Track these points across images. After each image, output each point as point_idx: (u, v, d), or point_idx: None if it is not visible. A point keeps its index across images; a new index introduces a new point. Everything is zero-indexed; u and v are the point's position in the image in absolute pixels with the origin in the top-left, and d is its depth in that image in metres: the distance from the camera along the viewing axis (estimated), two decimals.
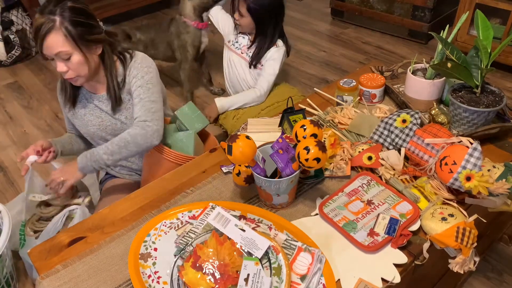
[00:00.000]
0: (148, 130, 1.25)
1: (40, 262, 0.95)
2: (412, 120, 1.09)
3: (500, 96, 1.15)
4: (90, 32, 1.22)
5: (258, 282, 0.79)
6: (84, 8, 1.23)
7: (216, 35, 2.20)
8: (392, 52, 2.97)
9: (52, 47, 1.17)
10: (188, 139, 1.41)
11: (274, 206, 1.02)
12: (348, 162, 1.10)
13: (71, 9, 1.18)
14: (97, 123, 1.38)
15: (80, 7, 1.21)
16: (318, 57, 2.98)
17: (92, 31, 1.23)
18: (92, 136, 1.42)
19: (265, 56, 1.80)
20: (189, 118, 1.46)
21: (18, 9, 3.04)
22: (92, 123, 1.38)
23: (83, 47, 1.21)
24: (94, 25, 1.25)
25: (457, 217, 0.91)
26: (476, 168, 0.91)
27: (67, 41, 1.18)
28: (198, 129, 1.47)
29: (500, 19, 2.57)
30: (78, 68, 1.22)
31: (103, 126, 1.38)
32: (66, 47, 1.18)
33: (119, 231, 1.00)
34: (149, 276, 0.86)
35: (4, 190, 2.03)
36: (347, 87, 1.33)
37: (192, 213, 1.00)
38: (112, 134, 1.39)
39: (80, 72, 1.24)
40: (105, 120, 1.37)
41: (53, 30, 1.16)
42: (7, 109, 2.64)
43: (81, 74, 1.24)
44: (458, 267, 0.89)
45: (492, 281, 1.51)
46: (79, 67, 1.22)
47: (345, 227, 0.94)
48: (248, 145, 0.89)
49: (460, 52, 1.15)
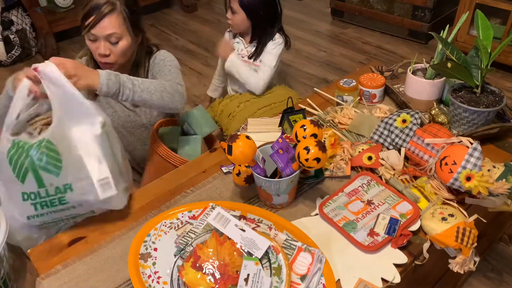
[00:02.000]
0: (180, 92, 1.23)
1: (40, 262, 0.95)
2: (412, 120, 1.09)
3: (500, 96, 1.15)
4: (139, 20, 1.31)
5: (258, 282, 0.79)
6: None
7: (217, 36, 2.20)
8: (392, 52, 2.97)
9: (107, 27, 1.22)
10: (196, 144, 1.40)
11: (274, 206, 1.02)
12: (348, 162, 1.10)
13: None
14: (110, 113, 1.39)
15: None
16: (318, 57, 2.98)
17: (140, 20, 1.32)
18: None
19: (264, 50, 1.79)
20: (198, 122, 1.44)
21: (18, 9, 3.04)
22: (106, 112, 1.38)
23: (133, 33, 1.28)
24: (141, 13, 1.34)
25: (457, 217, 0.91)
26: (476, 168, 0.91)
27: (124, 24, 1.24)
28: (207, 133, 1.45)
29: (500, 19, 2.57)
30: (120, 53, 1.27)
31: (116, 116, 1.38)
32: (121, 30, 1.24)
33: (119, 231, 1.00)
34: (149, 276, 0.86)
35: None
36: (347, 87, 1.33)
37: (192, 213, 1.00)
38: (124, 127, 1.40)
39: (120, 58, 1.29)
40: (118, 111, 1.38)
41: (114, 11, 1.22)
42: None
43: (120, 60, 1.29)
44: (458, 267, 0.89)
45: (492, 281, 1.51)
46: (122, 52, 1.28)
47: (345, 227, 0.94)
48: (248, 145, 0.89)
49: (460, 52, 1.15)
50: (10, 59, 3.04)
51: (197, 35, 3.37)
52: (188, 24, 3.55)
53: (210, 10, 3.79)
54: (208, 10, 3.79)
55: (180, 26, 3.52)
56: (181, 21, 3.60)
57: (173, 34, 3.40)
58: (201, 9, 3.79)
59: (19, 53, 3.06)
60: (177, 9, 3.81)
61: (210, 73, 2.79)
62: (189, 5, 3.68)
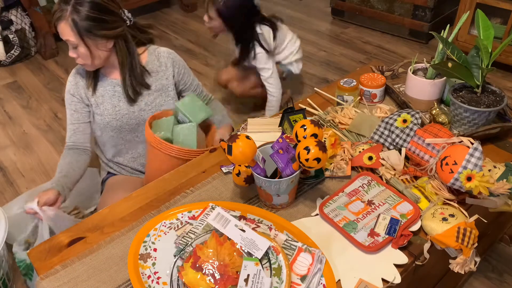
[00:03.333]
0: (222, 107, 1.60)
1: (40, 263, 0.94)
2: (412, 120, 1.08)
3: (501, 96, 1.15)
4: (100, 27, 1.23)
5: (258, 283, 0.78)
6: (102, 3, 1.23)
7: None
8: (393, 51, 2.97)
9: (61, 33, 1.24)
10: (190, 132, 1.35)
11: (274, 206, 1.02)
12: (349, 162, 1.10)
13: (87, 2, 1.21)
14: (113, 111, 1.39)
15: (98, 1, 1.22)
16: (319, 56, 2.98)
17: (104, 27, 1.24)
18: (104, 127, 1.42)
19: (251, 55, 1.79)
20: (192, 109, 1.39)
21: (17, 9, 3.04)
22: (108, 112, 1.39)
23: (89, 40, 1.24)
24: (108, 21, 1.25)
25: (457, 217, 0.91)
26: (477, 168, 0.91)
27: (72, 32, 1.22)
28: (202, 119, 1.40)
29: (501, 19, 2.57)
30: (84, 58, 1.27)
31: (120, 114, 1.38)
32: (72, 38, 1.23)
33: (119, 232, 1.00)
34: (149, 277, 0.86)
35: (3, 190, 2.03)
36: (347, 87, 1.32)
37: (192, 214, 0.99)
38: (128, 124, 1.40)
39: (86, 61, 1.28)
40: (122, 108, 1.39)
41: (62, 19, 1.21)
42: (6, 109, 2.63)
43: (88, 63, 1.29)
44: (458, 267, 0.89)
45: (493, 281, 1.50)
46: (84, 57, 1.27)
47: (345, 228, 0.94)
48: (248, 145, 0.89)
49: (460, 52, 1.15)
50: (9, 59, 3.03)
51: (197, 34, 3.37)
52: (187, 23, 3.55)
53: None
54: None
55: (179, 26, 3.51)
56: (180, 21, 3.60)
57: (173, 34, 3.39)
58: (200, 9, 3.78)
59: (18, 53, 3.06)
60: (176, 8, 3.81)
61: (210, 73, 2.79)
62: (188, 5, 3.68)
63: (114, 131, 1.42)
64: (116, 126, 1.41)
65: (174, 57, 1.46)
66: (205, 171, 1.16)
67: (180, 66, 1.47)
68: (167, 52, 1.45)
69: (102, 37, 1.25)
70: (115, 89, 1.39)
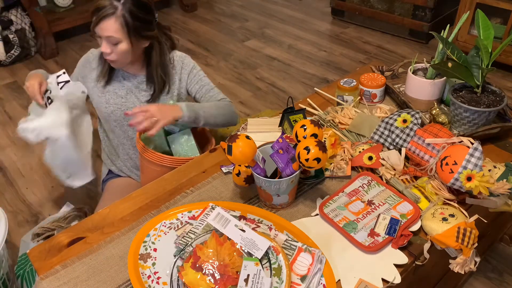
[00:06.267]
0: (232, 110, 1.41)
1: (40, 263, 0.94)
2: (412, 120, 1.08)
3: (501, 96, 1.15)
4: (145, 28, 1.29)
5: (258, 283, 0.78)
6: (147, 3, 1.29)
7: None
8: (393, 51, 2.97)
9: (105, 29, 1.23)
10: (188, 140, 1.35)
11: (274, 206, 1.02)
12: (349, 162, 1.10)
13: (139, 2, 1.25)
14: (120, 102, 1.39)
15: (144, 1, 1.27)
16: (319, 56, 2.98)
17: (147, 27, 1.30)
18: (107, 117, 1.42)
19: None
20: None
21: (17, 9, 3.04)
22: (114, 101, 1.39)
23: (134, 39, 1.27)
24: (151, 22, 1.31)
25: (457, 217, 0.91)
26: (477, 168, 0.91)
27: (121, 29, 1.23)
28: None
29: (501, 19, 2.57)
30: (121, 55, 1.28)
31: (125, 107, 1.40)
32: (118, 35, 1.23)
33: (119, 232, 1.00)
34: (149, 277, 0.86)
35: (3, 190, 2.03)
36: (347, 87, 1.32)
37: (192, 214, 0.99)
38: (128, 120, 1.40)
39: (121, 58, 1.29)
40: (129, 100, 1.40)
41: (112, 16, 1.22)
42: (6, 109, 2.63)
43: (122, 60, 1.30)
44: (458, 267, 0.89)
45: (493, 281, 1.51)
46: (122, 54, 1.28)
47: (345, 228, 0.94)
48: (248, 145, 0.89)
49: (460, 52, 1.15)
50: (9, 59, 3.03)
51: (197, 34, 3.37)
52: (187, 23, 3.55)
53: (210, 9, 3.79)
54: (207, 10, 3.79)
55: (179, 26, 3.51)
56: (180, 21, 3.60)
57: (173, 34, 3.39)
58: (200, 9, 3.78)
59: (18, 53, 3.05)
60: (176, 8, 3.81)
61: (209, 73, 2.79)
62: (188, 5, 3.68)
63: (115, 122, 1.42)
64: (117, 117, 1.41)
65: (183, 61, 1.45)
66: (205, 171, 1.16)
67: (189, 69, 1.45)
68: (179, 56, 1.46)
69: (144, 37, 1.30)
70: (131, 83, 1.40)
